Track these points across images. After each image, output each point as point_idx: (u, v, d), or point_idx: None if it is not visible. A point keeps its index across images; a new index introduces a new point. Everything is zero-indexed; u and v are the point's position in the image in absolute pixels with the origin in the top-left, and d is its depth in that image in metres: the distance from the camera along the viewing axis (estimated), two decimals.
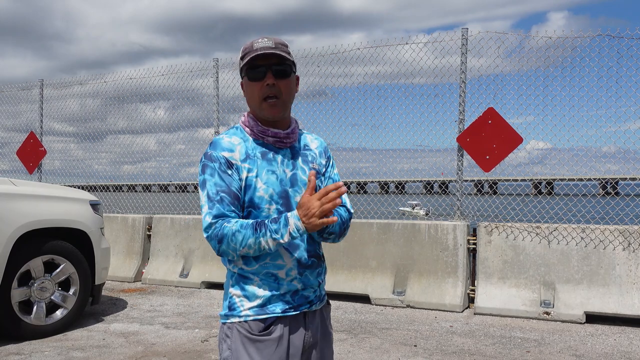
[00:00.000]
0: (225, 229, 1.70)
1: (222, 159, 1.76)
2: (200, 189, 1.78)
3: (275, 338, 1.77)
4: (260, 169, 1.79)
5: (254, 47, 1.77)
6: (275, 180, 1.79)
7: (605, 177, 6.51)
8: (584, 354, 4.43)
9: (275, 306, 1.79)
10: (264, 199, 1.77)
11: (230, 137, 1.82)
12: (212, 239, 1.73)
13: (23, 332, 4.72)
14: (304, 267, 1.82)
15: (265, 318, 1.77)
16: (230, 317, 1.81)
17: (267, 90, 1.77)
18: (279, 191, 1.79)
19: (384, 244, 6.25)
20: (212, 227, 1.72)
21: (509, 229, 5.77)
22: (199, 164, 1.82)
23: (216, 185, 1.74)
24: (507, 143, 5.99)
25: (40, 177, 9.55)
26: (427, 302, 5.86)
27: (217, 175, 1.75)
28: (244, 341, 1.77)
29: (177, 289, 7.10)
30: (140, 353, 4.47)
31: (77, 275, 5.11)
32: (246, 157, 1.79)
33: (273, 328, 1.77)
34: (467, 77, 6.30)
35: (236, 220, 1.72)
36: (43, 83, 9.63)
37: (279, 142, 1.83)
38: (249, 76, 1.79)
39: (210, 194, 1.74)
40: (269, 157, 1.81)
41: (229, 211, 1.74)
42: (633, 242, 5.32)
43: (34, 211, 4.83)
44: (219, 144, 1.79)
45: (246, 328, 1.77)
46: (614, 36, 5.69)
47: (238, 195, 1.76)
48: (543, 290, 5.54)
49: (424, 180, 8.37)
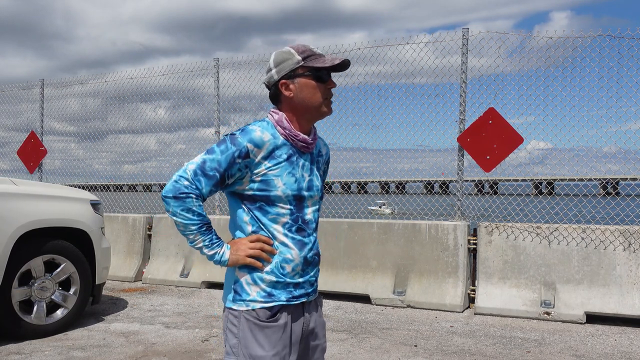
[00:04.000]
0: (189, 199, 1.83)
1: (245, 148, 1.83)
2: (204, 152, 1.87)
3: (281, 325, 1.87)
4: (283, 170, 1.88)
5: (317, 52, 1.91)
6: (294, 183, 1.89)
7: (606, 177, 6.51)
8: (584, 354, 4.43)
9: (281, 294, 1.89)
10: (281, 198, 1.87)
11: (262, 131, 1.88)
12: (174, 191, 1.83)
13: (23, 331, 4.72)
14: (307, 264, 1.95)
15: (272, 306, 1.87)
16: (238, 303, 1.88)
17: (329, 92, 1.92)
18: (295, 194, 1.89)
19: (385, 244, 6.25)
20: (184, 183, 1.83)
21: (509, 229, 5.77)
22: (221, 137, 1.91)
23: (219, 163, 1.83)
24: (508, 143, 5.99)
25: (41, 176, 9.56)
26: (428, 302, 5.86)
27: (226, 157, 1.82)
28: (252, 328, 1.85)
29: (178, 288, 7.10)
30: (141, 353, 4.47)
31: (77, 274, 5.11)
32: (270, 155, 1.86)
33: (279, 315, 1.87)
34: (468, 77, 6.30)
35: (200, 204, 1.85)
36: (44, 82, 9.63)
37: (304, 147, 1.94)
38: (317, 76, 1.89)
39: (207, 165, 1.83)
40: (293, 159, 1.91)
41: (207, 190, 1.85)
42: (634, 242, 5.32)
43: (35, 211, 4.83)
44: (249, 134, 1.86)
45: (254, 316, 1.86)
46: (614, 36, 5.69)
47: (224, 181, 1.85)
48: (543, 290, 5.54)
49: (424, 180, 8.37)
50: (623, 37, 5.66)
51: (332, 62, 1.88)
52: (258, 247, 1.86)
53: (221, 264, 1.89)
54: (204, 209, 1.89)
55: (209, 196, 1.88)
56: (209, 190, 1.85)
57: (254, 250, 1.86)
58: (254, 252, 1.86)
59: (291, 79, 1.89)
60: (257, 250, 1.86)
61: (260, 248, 1.86)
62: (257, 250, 1.86)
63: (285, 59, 1.90)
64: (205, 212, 1.88)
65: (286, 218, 1.88)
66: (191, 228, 1.84)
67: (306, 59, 1.88)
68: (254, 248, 1.86)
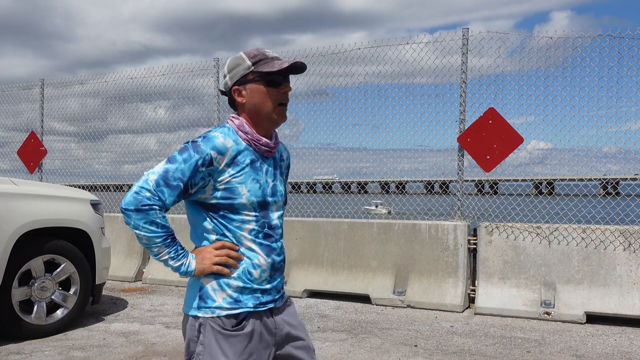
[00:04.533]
0: (152, 211, 1.75)
1: (208, 156, 1.77)
2: (165, 161, 1.80)
3: (247, 333, 1.82)
4: (247, 177, 1.83)
5: (269, 56, 1.84)
6: (259, 190, 1.85)
7: (606, 177, 6.51)
8: (584, 354, 4.43)
9: (248, 300, 1.84)
10: (246, 205, 1.82)
11: (225, 138, 1.83)
12: (135, 203, 1.74)
13: (23, 331, 4.72)
14: (275, 270, 1.91)
15: (238, 313, 1.82)
16: (203, 311, 1.83)
17: (282, 97, 1.85)
18: (260, 200, 1.85)
19: (385, 244, 6.25)
20: (146, 195, 1.75)
21: (509, 229, 5.77)
22: (183, 144, 1.83)
23: (182, 172, 1.76)
24: (508, 143, 5.99)
25: (41, 176, 9.55)
26: (428, 302, 5.86)
27: (189, 166, 1.76)
28: (217, 337, 1.80)
29: (178, 288, 7.10)
30: (141, 353, 4.47)
31: (77, 274, 5.11)
32: (233, 162, 1.82)
33: (245, 323, 1.82)
34: (468, 77, 6.30)
35: (164, 215, 1.79)
36: (44, 82, 9.63)
37: (267, 151, 1.89)
38: (268, 81, 1.83)
39: (170, 175, 1.76)
40: (257, 165, 1.86)
41: (170, 200, 1.78)
42: (634, 242, 5.32)
43: (35, 211, 4.84)
44: (212, 141, 1.81)
45: (219, 324, 1.80)
46: (614, 36, 5.69)
47: (187, 191, 1.79)
48: (543, 290, 5.54)
49: (424, 180, 8.37)
50: (623, 37, 5.66)
51: (280, 66, 1.81)
52: (224, 255, 1.82)
53: (188, 274, 1.84)
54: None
55: (172, 206, 1.83)
56: (173, 201, 1.79)
57: (219, 257, 1.82)
58: (220, 260, 1.82)
59: (243, 85, 1.86)
60: (224, 258, 1.82)
61: (226, 255, 1.82)
62: (223, 257, 1.82)
63: (237, 64, 1.86)
64: (168, 223, 1.82)
65: (252, 225, 1.84)
66: (155, 241, 1.78)
67: (256, 64, 1.83)
68: (219, 255, 1.82)
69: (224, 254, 1.82)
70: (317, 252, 6.56)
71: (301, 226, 6.71)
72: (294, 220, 6.81)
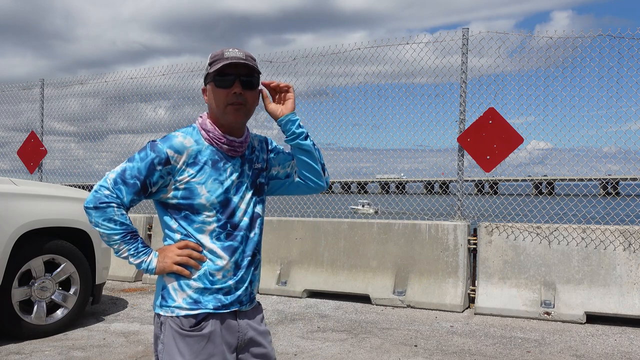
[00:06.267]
0: (110, 209, 1.79)
1: (164, 154, 1.79)
2: (126, 160, 1.84)
3: (206, 334, 1.82)
4: (208, 177, 1.83)
5: (225, 56, 1.83)
6: (220, 189, 1.84)
7: (606, 177, 6.52)
8: (584, 354, 4.43)
9: (208, 301, 1.83)
10: (205, 206, 1.82)
11: (185, 137, 1.85)
12: (94, 201, 1.79)
13: (23, 331, 4.72)
14: (238, 268, 1.88)
15: (197, 314, 1.82)
16: (164, 309, 1.85)
17: (232, 99, 1.83)
18: (222, 200, 1.84)
19: (385, 244, 6.25)
20: (104, 192, 1.79)
21: (509, 229, 5.77)
22: (145, 145, 1.87)
23: (138, 170, 1.79)
24: (508, 143, 5.99)
25: (41, 176, 9.56)
26: (428, 302, 5.86)
27: (145, 164, 1.79)
28: (175, 336, 1.81)
29: None
30: (141, 353, 4.47)
31: (77, 274, 5.11)
32: (193, 162, 1.83)
33: (204, 324, 1.82)
34: (468, 77, 6.30)
35: (123, 213, 1.81)
36: (44, 82, 9.63)
37: (232, 150, 1.88)
38: (217, 83, 1.83)
39: (127, 173, 1.80)
40: (219, 166, 1.86)
41: (128, 198, 1.80)
42: (634, 242, 5.32)
43: (35, 211, 4.83)
44: (170, 140, 1.83)
45: (177, 323, 1.82)
46: (614, 36, 5.69)
47: (146, 189, 1.81)
48: (543, 290, 5.53)
49: (424, 180, 8.38)
50: (623, 37, 5.66)
51: (215, 67, 1.82)
52: (186, 254, 1.82)
53: (148, 272, 1.84)
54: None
55: (132, 205, 1.84)
56: (131, 199, 1.81)
57: (181, 257, 1.81)
58: (182, 260, 1.81)
59: (206, 85, 1.90)
60: (185, 257, 1.81)
61: (188, 255, 1.82)
62: (185, 257, 1.81)
63: (205, 65, 1.91)
64: (129, 221, 1.83)
65: (213, 226, 1.83)
66: (114, 238, 1.80)
67: (211, 64, 1.85)
68: (181, 255, 1.82)
69: (185, 254, 1.82)
70: (317, 252, 6.56)
71: (301, 226, 6.71)
72: (294, 220, 6.81)
